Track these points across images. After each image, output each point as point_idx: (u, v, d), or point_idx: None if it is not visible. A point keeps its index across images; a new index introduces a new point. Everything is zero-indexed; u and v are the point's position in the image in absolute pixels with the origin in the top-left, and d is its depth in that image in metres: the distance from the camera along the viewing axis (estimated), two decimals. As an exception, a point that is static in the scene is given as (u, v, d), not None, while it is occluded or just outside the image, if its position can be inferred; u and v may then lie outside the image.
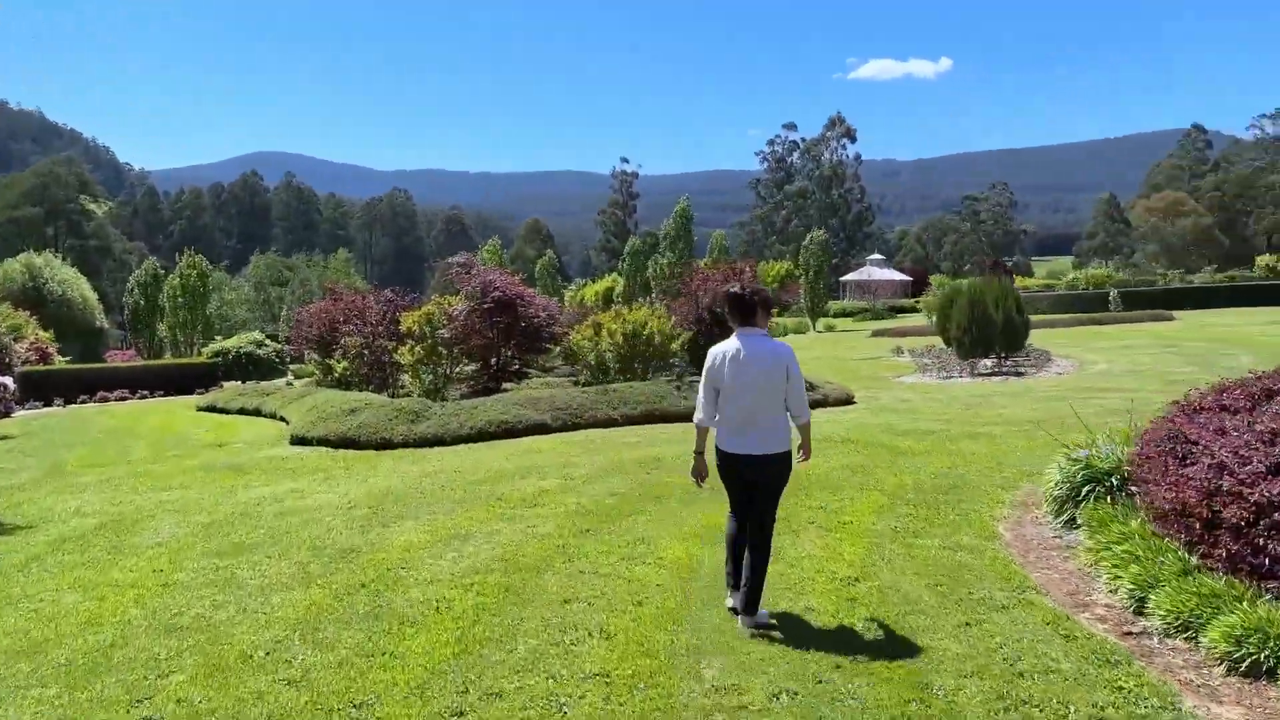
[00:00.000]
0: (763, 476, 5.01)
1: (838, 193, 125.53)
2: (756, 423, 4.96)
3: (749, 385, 4.93)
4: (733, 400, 4.98)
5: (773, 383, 4.95)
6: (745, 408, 4.95)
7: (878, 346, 33.23)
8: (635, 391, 15.32)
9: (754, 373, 4.94)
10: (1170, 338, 28.26)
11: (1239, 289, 44.77)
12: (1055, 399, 15.82)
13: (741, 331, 5.09)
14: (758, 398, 4.94)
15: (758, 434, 4.96)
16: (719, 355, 5.05)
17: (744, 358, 4.96)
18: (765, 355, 4.99)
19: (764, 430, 4.97)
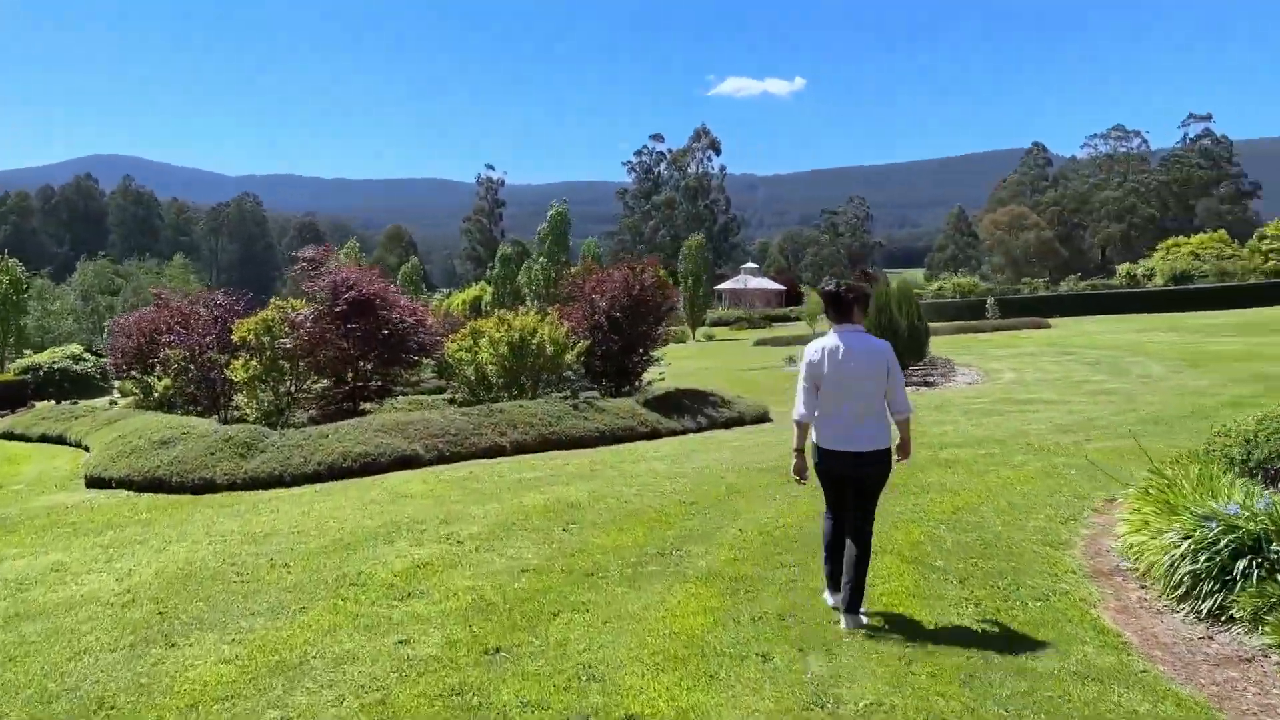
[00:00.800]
0: (863, 474, 4.94)
1: (704, 203, 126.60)
2: (857, 419, 4.89)
3: (850, 381, 4.87)
4: (833, 397, 4.92)
5: (874, 379, 4.89)
6: (846, 404, 4.89)
7: (765, 356, 31.65)
8: (526, 412, 12.76)
9: (855, 369, 4.87)
10: (1061, 344, 27.70)
11: (1102, 297, 45.81)
12: (988, 413, 14.24)
13: (840, 328, 4.98)
14: (859, 394, 4.88)
15: (859, 431, 4.89)
16: (819, 351, 4.98)
17: (844, 354, 4.89)
18: (865, 351, 4.91)
19: (865, 427, 4.89)
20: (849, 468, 4.92)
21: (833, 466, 4.98)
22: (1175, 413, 13.22)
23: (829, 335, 5.02)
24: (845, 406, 4.88)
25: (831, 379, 4.88)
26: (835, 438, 4.93)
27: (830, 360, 4.91)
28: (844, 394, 4.86)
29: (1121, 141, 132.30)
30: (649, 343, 15.64)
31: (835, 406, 4.90)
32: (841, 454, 4.91)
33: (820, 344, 5.01)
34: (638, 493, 8.54)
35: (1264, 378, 16.67)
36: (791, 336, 39.90)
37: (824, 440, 4.98)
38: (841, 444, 4.91)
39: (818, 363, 4.95)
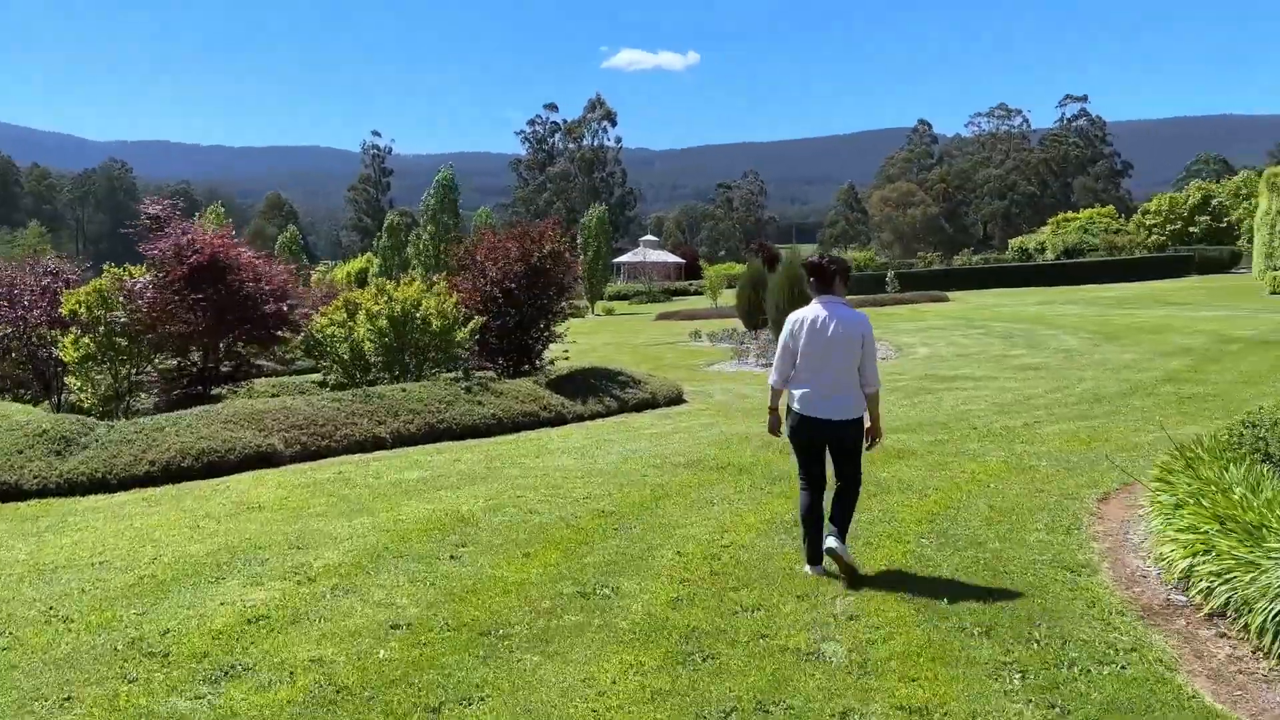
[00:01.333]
0: (838, 440, 5.04)
1: (600, 176, 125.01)
2: (832, 388, 4.97)
3: (826, 352, 4.95)
4: (812, 365, 4.99)
5: (850, 350, 4.96)
6: (821, 373, 4.97)
7: (669, 331, 30.34)
8: (409, 397, 11.01)
9: (832, 340, 4.95)
10: (967, 318, 27.26)
11: (997, 270, 46.19)
12: (918, 393, 13.21)
13: (822, 299, 5.08)
14: (834, 364, 4.96)
15: (835, 399, 4.97)
16: (798, 321, 5.07)
17: (822, 325, 4.98)
18: (846, 322, 4.98)
19: (840, 395, 4.97)
20: (824, 433, 5.01)
21: (808, 432, 5.05)
22: (1114, 390, 12.42)
23: (812, 305, 5.09)
24: (824, 375, 4.97)
25: (812, 347, 4.97)
26: (812, 405, 5.00)
27: (811, 329, 4.99)
28: (823, 362, 4.96)
29: (1004, 120, 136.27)
30: (550, 317, 14.02)
31: (814, 374, 4.99)
32: (817, 420, 5.00)
33: (801, 314, 5.07)
34: (545, 499, 6.99)
35: (1187, 350, 16.19)
36: (693, 310, 38.76)
37: (801, 406, 5.04)
38: (817, 411, 4.99)
39: (796, 331, 5.03)
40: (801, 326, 5.03)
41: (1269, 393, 11.27)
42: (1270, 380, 12.25)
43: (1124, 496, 6.54)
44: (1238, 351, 15.76)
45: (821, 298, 5.09)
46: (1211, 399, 11.07)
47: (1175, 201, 52.48)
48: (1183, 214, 51.48)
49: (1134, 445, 8.37)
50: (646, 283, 55.94)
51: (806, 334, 4.99)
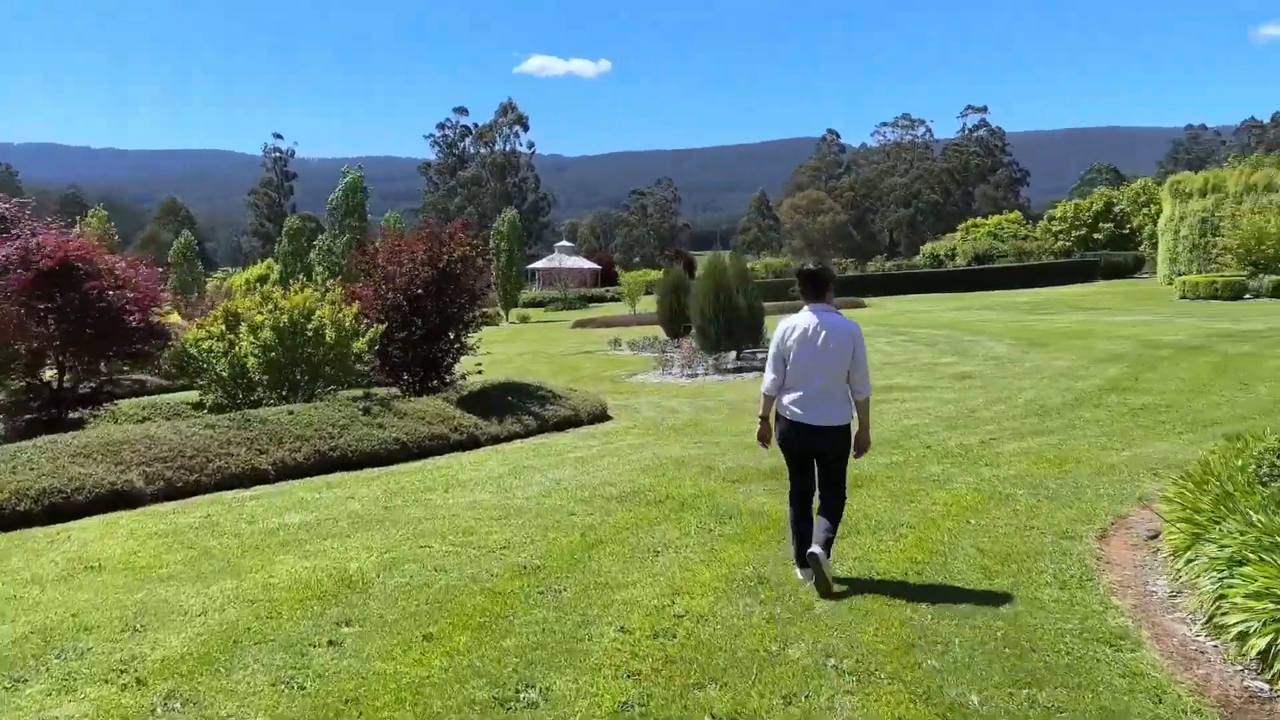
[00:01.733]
0: (826, 446, 5.04)
1: (512, 181, 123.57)
2: (823, 394, 4.97)
3: (818, 359, 4.96)
4: (804, 372, 4.99)
5: (840, 357, 4.97)
6: (812, 380, 4.97)
7: (587, 339, 29.25)
8: (297, 421, 9.66)
9: (824, 347, 4.96)
10: (889, 324, 26.89)
11: (912, 276, 46.49)
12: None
13: (814, 307, 5.07)
14: (826, 371, 4.96)
15: (825, 406, 4.98)
16: (789, 328, 5.09)
17: (813, 332, 4.99)
18: (838, 330, 5.01)
19: (830, 403, 4.99)
20: (812, 439, 5.02)
21: (797, 438, 5.07)
22: (1059, 401, 11.82)
23: (803, 313, 5.08)
24: (814, 381, 4.99)
25: (805, 354, 4.98)
26: (801, 411, 5.01)
27: (804, 336, 5.00)
28: (814, 369, 4.97)
29: (908, 130, 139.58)
30: (461, 327, 12.78)
31: (805, 381, 5.00)
32: (806, 426, 5.01)
33: (794, 320, 5.09)
34: (453, 550, 5.82)
35: (1119, 357, 15.84)
36: (611, 317, 37.74)
37: (790, 413, 5.05)
38: (808, 417, 5.00)
39: (787, 339, 5.05)
40: (793, 334, 5.02)
41: (1220, 402, 10.80)
42: (1216, 389, 11.81)
43: (1122, 533, 5.73)
44: (1169, 358, 15.46)
45: (813, 305, 5.06)
46: (1165, 410, 10.51)
47: (1080, 208, 53.76)
48: (1087, 220, 52.75)
49: (1109, 467, 7.63)
50: (562, 289, 54.69)
51: (798, 341, 4.99)
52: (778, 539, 5.84)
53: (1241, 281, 27.41)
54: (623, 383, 17.30)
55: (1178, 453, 8.00)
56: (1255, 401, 10.61)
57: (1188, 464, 7.54)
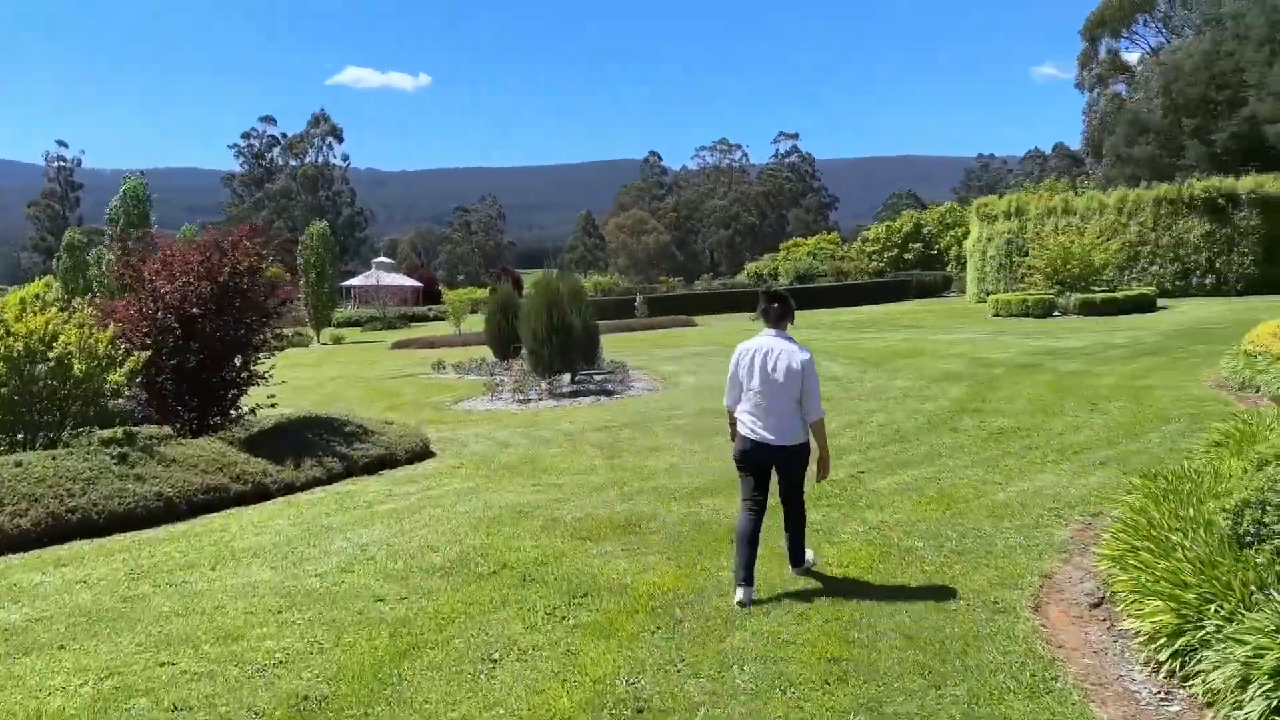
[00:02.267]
0: (781, 464, 5.27)
1: (325, 194, 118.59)
2: (777, 415, 5.18)
3: (772, 382, 5.18)
4: (762, 394, 5.21)
5: (793, 382, 5.18)
6: (773, 401, 5.19)
7: (408, 361, 27.25)
8: (25, 474, 7.58)
9: (776, 371, 5.17)
10: (723, 343, 26.38)
11: (734, 295, 46.76)
12: (702, 433, 11.41)
13: (775, 331, 5.31)
14: (779, 394, 5.17)
15: (774, 427, 5.18)
16: (746, 352, 5.37)
17: (768, 356, 5.22)
18: (788, 356, 5.23)
19: (783, 423, 5.18)
20: (769, 456, 5.24)
21: (755, 456, 5.26)
22: (912, 425, 11.21)
23: (761, 337, 5.33)
24: (772, 403, 5.19)
25: (758, 378, 5.21)
26: (761, 431, 5.21)
27: (756, 360, 5.26)
28: (768, 392, 5.19)
29: (725, 154, 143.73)
30: (250, 352, 10.84)
31: (763, 401, 5.21)
32: (763, 444, 5.20)
33: (752, 345, 5.34)
34: (206, 672, 4.19)
35: (956, 376, 15.63)
36: (434, 337, 35.64)
37: (750, 432, 5.25)
38: (763, 436, 5.19)
39: (748, 363, 5.31)
40: (748, 357, 5.30)
41: (1078, 425, 10.42)
42: (1066, 409, 11.52)
43: (1057, 599, 4.81)
44: (1006, 376, 15.37)
45: (774, 330, 5.30)
46: (1025, 434, 10.00)
47: (891, 229, 56.03)
48: (898, 241, 55.00)
49: (1001, 506, 6.81)
50: (380, 308, 51.78)
51: (754, 365, 5.23)
52: (650, 627, 4.56)
53: (1050, 299, 28.65)
54: (447, 410, 15.66)
55: (1066, 487, 7.31)
56: (1113, 424, 10.28)
57: (1086, 501, 6.85)
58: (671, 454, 10.06)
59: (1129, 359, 16.77)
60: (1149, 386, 12.99)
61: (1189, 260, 32.61)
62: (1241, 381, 11.96)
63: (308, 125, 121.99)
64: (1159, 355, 17.04)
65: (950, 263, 52.17)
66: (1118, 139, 40.24)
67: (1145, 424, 10.11)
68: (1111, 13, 45.96)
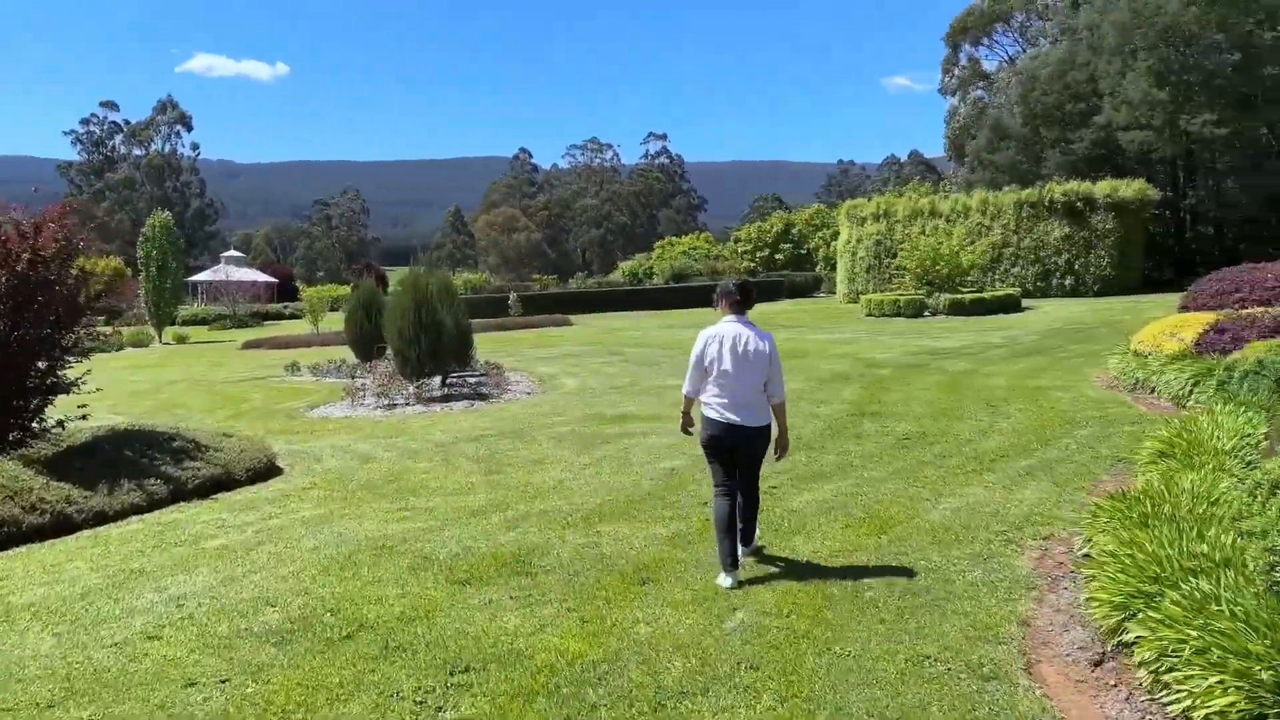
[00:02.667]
0: (748, 446, 5.39)
1: (173, 185, 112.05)
2: (744, 400, 5.33)
3: (743, 367, 5.33)
4: (732, 379, 5.34)
5: (761, 366, 5.37)
6: (738, 386, 5.33)
7: (260, 363, 25.18)
8: None
9: (747, 356, 5.35)
10: (601, 343, 25.44)
11: (610, 294, 45.91)
12: (590, 442, 10.44)
13: (738, 318, 5.48)
14: (749, 378, 5.33)
15: (745, 409, 5.33)
16: (714, 338, 5.45)
17: (737, 342, 5.38)
18: (756, 341, 5.43)
19: (751, 406, 5.35)
20: (738, 438, 5.34)
21: (725, 438, 5.36)
22: (813, 430, 10.51)
23: (726, 323, 5.48)
24: (741, 387, 5.34)
25: (730, 363, 5.34)
26: (731, 414, 5.32)
27: (727, 346, 5.38)
28: (739, 377, 5.33)
29: (596, 154, 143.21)
30: (57, 355, 9.14)
31: (733, 386, 5.34)
32: (734, 426, 5.32)
33: (717, 331, 5.46)
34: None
35: (844, 378, 15.14)
36: (290, 337, 33.32)
37: (720, 415, 5.35)
38: (736, 419, 5.31)
39: (717, 348, 5.40)
40: (716, 342, 5.42)
41: (985, 430, 9.92)
42: (967, 412, 11.06)
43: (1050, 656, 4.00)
44: (894, 376, 14.97)
45: (737, 317, 5.48)
46: (933, 441, 9.41)
47: (763, 230, 56.35)
48: (769, 241, 55.34)
49: (941, 529, 6.05)
50: (230, 305, 48.47)
51: (725, 351, 5.36)
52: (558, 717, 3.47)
53: (921, 300, 28.95)
54: (301, 418, 14.11)
55: (1003, 503, 6.64)
56: (1020, 428, 9.82)
57: (1032, 522, 6.15)
58: (558, 468, 8.99)
59: (1012, 358, 16.71)
60: (1043, 388, 12.74)
61: (1049, 262, 33.69)
62: (1135, 382, 11.80)
63: (153, 112, 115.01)
64: (1041, 355, 17.07)
65: (819, 263, 52.83)
66: (980, 143, 41.39)
67: (1053, 428, 9.68)
68: (973, 20, 47.49)
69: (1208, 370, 9.83)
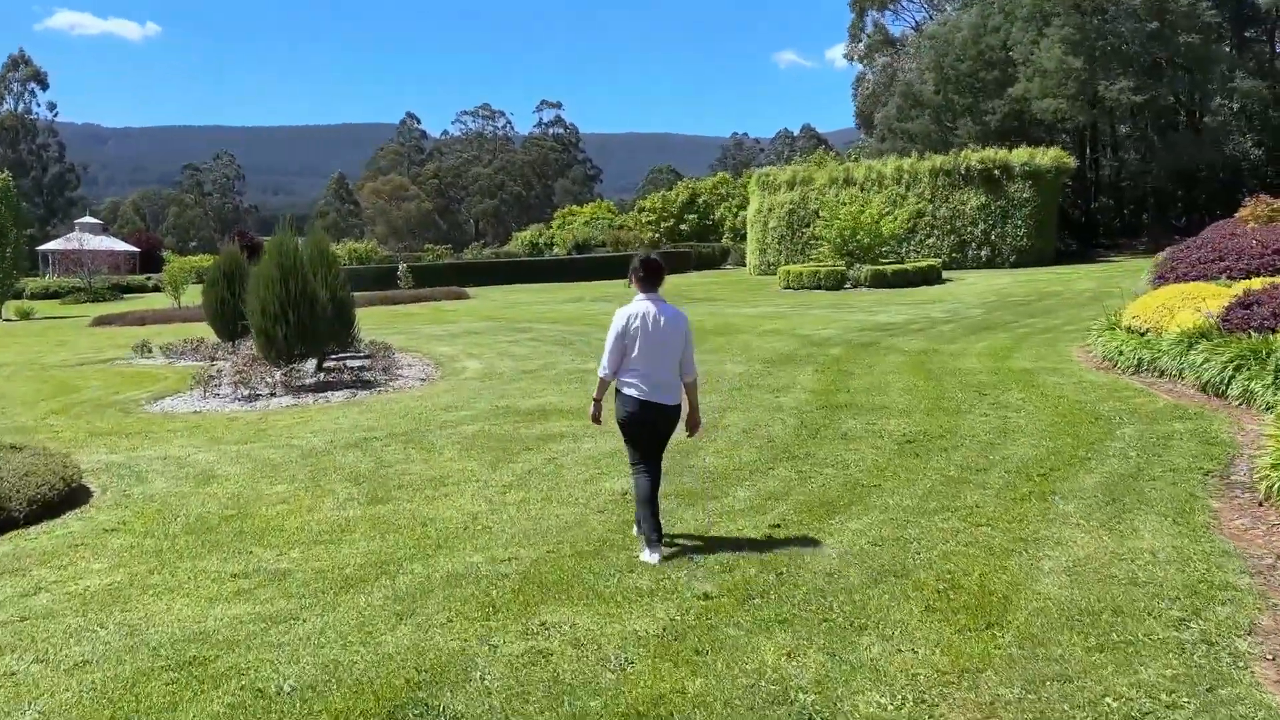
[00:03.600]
0: (664, 422, 5.37)
1: (27, 148, 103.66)
2: (661, 379, 5.31)
3: (659, 345, 5.29)
4: (648, 358, 5.29)
5: (676, 344, 5.35)
6: (655, 364, 5.30)
7: (110, 342, 21.85)
8: None
9: (662, 334, 5.30)
10: (504, 319, 23.00)
11: (509, 264, 43.19)
12: (507, 447, 8.24)
13: (650, 296, 5.37)
14: (665, 356, 5.32)
15: (662, 388, 5.31)
16: (632, 315, 5.33)
17: (653, 320, 5.29)
18: (670, 319, 5.36)
19: (668, 385, 5.35)
20: (656, 416, 5.31)
21: (644, 416, 5.31)
22: (782, 430, 8.57)
23: (640, 302, 5.35)
24: (658, 365, 5.29)
25: (647, 341, 5.26)
26: (649, 392, 5.27)
27: (645, 324, 5.28)
28: (656, 355, 5.28)
29: (489, 121, 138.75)
30: None
31: (650, 365, 5.28)
32: (653, 404, 5.28)
33: (635, 309, 5.34)
34: None
35: (791, 358, 13.24)
36: (148, 312, 29.69)
37: (638, 393, 5.29)
38: (653, 397, 5.28)
39: (635, 327, 5.29)
40: (636, 321, 5.29)
41: (1006, 428, 8.08)
42: (961, 403, 9.24)
43: None
44: (848, 357, 13.16)
45: (650, 295, 5.36)
46: (946, 445, 7.51)
47: (667, 200, 54.34)
48: (673, 211, 53.40)
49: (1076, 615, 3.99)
50: (86, 277, 43.74)
51: (641, 329, 5.26)
52: None
53: (841, 271, 27.43)
54: (137, 414, 11.40)
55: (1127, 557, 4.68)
56: (1045, 426, 8.01)
57: (1196, 591, 4.19)
58: (469, 491, 6.71)
59: (968, 335, 15.08)
60: (1028, 370, 11.04)
61: (965, 232, 32.70)
62: (1137, 363, 10.18)
63: (3, 68, 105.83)
64: (997, 331, 15.49)
65: (726, 234, 51.21)
66: (891, 112, 40.23)
67: (1082, 425, 7.90)
68: (878, -16, 46.41)
69: (1253, 352, 8.17)
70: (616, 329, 5.30)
